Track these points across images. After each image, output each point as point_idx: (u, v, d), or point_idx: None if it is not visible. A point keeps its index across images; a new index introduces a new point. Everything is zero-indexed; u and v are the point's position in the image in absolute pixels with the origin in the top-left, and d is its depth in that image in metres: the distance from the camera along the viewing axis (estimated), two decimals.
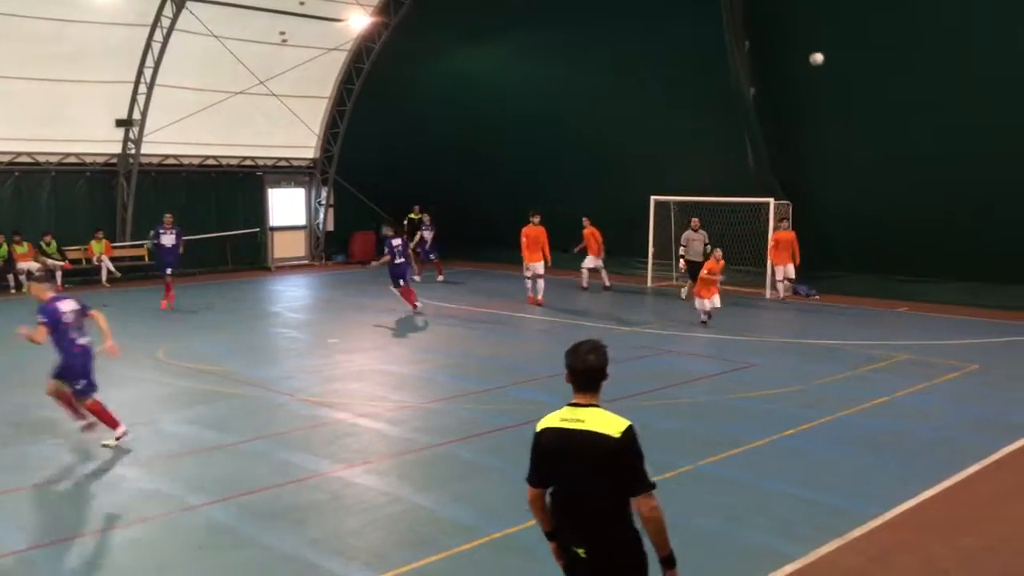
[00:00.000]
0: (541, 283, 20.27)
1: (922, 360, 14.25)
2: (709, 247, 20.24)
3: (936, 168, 19.63)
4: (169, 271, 19.95)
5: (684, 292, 21.20)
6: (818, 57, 13.95)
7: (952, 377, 13.25)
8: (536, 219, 20.38)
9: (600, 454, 4.28)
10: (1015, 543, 7.21)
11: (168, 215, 20.67)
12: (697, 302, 17.36)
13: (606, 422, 4.37)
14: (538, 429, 4.53)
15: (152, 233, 21.00)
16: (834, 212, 21.71)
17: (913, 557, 6.96)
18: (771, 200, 21.85)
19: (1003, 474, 8.99)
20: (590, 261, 23.24)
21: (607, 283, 23.29)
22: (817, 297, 21.66)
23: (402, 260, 19.34)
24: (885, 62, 19.73)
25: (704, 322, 17.25)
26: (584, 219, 23.30)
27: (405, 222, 30.11)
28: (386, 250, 19.45)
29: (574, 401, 4.45)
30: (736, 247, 21.88)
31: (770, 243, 21.19)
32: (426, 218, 26.33)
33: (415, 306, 19.17)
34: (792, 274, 21.07)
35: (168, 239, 20.11)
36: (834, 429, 10.41)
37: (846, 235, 21.60)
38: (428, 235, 25.99)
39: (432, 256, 25.93)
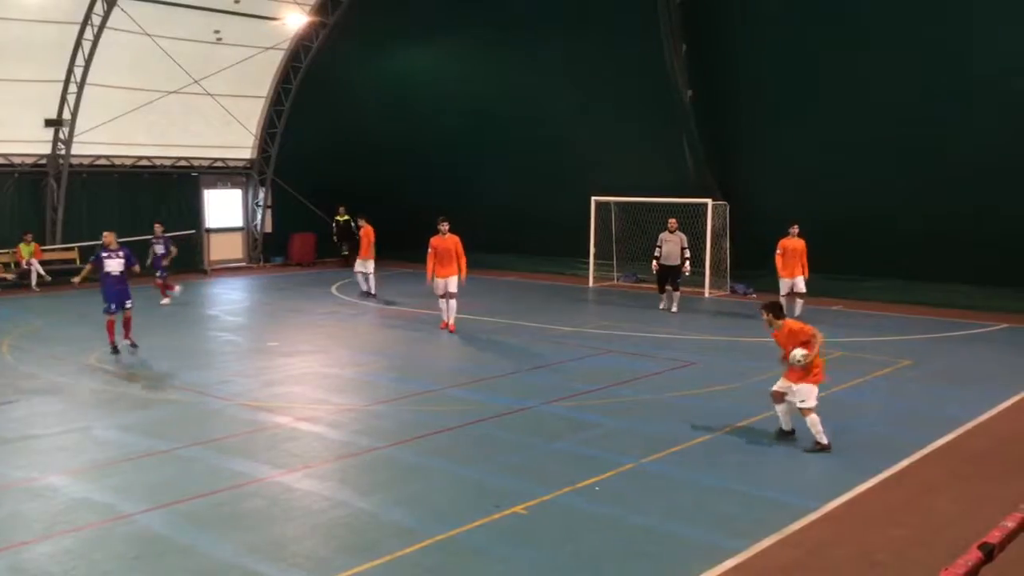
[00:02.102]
0: (453, 304, 17.09)
1: (856, 356, 14.57)
2: (688, 251, 19.50)
3: (870, 168, 20.12)
4: None
5: (663, 303, 19.89)
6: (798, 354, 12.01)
7: (885, 373, 13.58)
8: (445, 227, 16.95)
9: None
10: (945, 534, 7.40)
11: None
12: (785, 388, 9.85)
13: None
14: None
15: None
16: (770, 212, 22.04)
17: (849, 549, 7.11)
18: (709, 201, 22.18)
19: (933, 467, 9.23)
20: (360, 264, 22.00)
21: (372, 289, 22.07)
22: (754, 296, 22.02)
23: (119, 273, 14.90)
24: (822, 64, 20.11)
25: (783, 431, 10.07)
26: (360, 219, 22.52)
27: (333, 224, 29.86)
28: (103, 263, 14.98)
29: None
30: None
31: (777, 251, 18.28)
32: (158, 229, 21.92)
33: (128, 341, 15.14)
34: (802, 287, 17.93)
35: None
36: (771, 425, 10.56)
37: (782, 234, 21.97)
38: (160, 249, 21.43)
39: (161, 274, 21.25)
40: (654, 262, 19.86)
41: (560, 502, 8.10)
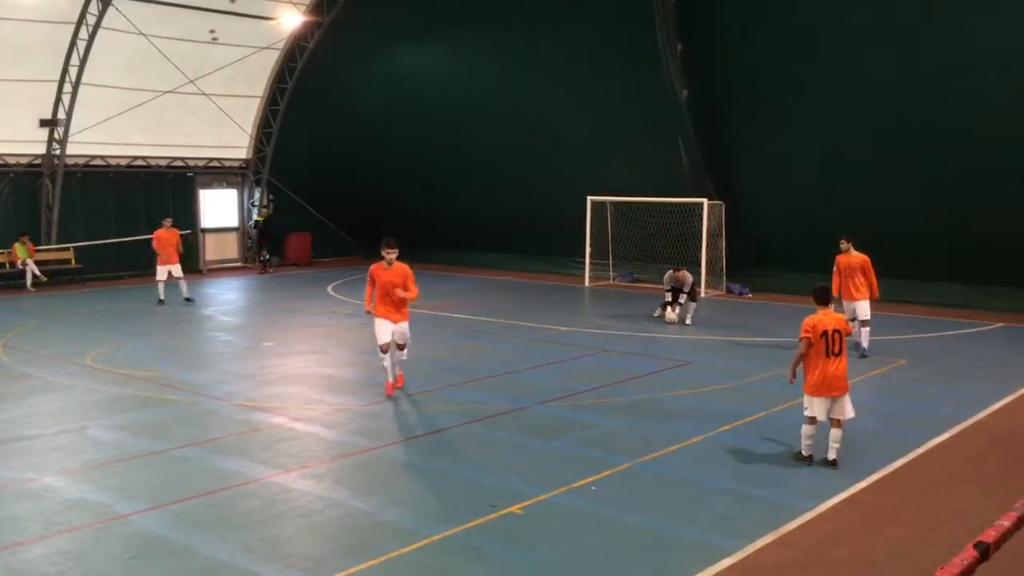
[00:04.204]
0: (406, 354, 12.58)
1: (850, 356, 14.53)
2: (687, 288, 17.89)
3: (867, 168, 20.12)
4: None
5: (657, 312, 18.51)
6: (672, 316, 13.21)
7: (879, 372, 13.60)
8: (392, 254, 11.97)
9: None
10: (941, 532, 7.42)
11: None
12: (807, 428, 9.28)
13: None
14: None
15: None
16: (765, 212, 22.12)
17: (845, 549, 7.12)
18: (705, 200, 22.21)
19: (929, 467, 9.25)
20: (163, 272, 20.96)
21: (186, 293, 21.22)
22: (750, 296, 22.07)
23: None
24: (819, 64, 20.09)
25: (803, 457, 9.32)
26: (165, 220, 21.72)
27: (253, 224, 29.46)
28: None
29: None
30: (671, 248, 22.14)
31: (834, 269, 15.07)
32: None
33: None
34: (863, 313, 14.64)
35: None
36: (766, 425, 10.60)
37: (777, 234, 22.03)
38: None
39: None
40: (668, 295, 18.13)
41: (556, 502, 8.10)
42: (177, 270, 21.22)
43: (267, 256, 29.20)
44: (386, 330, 12.09)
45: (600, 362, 14.54)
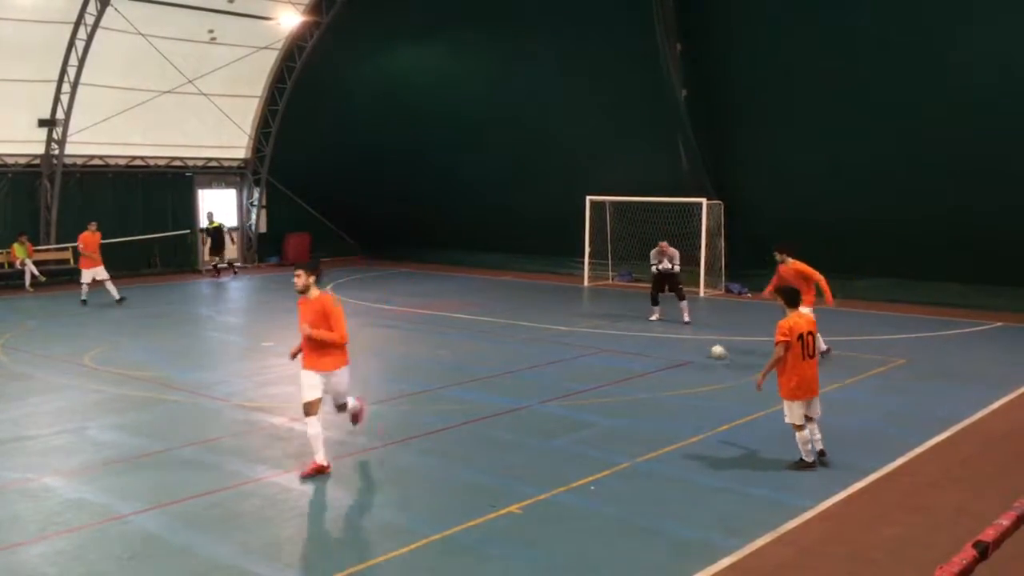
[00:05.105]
0: (354, 405, 9.57)
1: (849, 355, 14.58)
2: (677, 265, 17.88)
3: (866, 167, 20.11)
4: None
5: (655, 315, 18.20)
6: (717, 350, 13.46)
7: (878, 372, 13.60)
8: (302, 280, 8.86)
9: None
10: (940, 532, 7.42)
11: None
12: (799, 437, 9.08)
13: None
14: None
15: None
16: (764, 211, 22.11)
17: (843, 548, 7.13)
18: (704, 200, 22.22)
19: (928, 466, 9.24)
20: (88, 275, 20.69)
21: (116, 295, 20.83)
22: (749, 295, 22.08)
23: None
24: (819, 64, 20.07)
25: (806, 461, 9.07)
26: (91, 223, 21.23)
27: (204, 232, 28.08)
28: None
29: None
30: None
31: None
32: None
33: None
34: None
35: None
36: (764, 424, 10.59)
37: (776, 233, 21.92)
38: None
39: None
40: (654, 267, 18.14)
41: (556, 501, 8.11)
42: (102, 272, 20.75)
43: (219, 263, 27.54)
44: (312, 383, 8.77)
45: (599, 362, 14.54)
